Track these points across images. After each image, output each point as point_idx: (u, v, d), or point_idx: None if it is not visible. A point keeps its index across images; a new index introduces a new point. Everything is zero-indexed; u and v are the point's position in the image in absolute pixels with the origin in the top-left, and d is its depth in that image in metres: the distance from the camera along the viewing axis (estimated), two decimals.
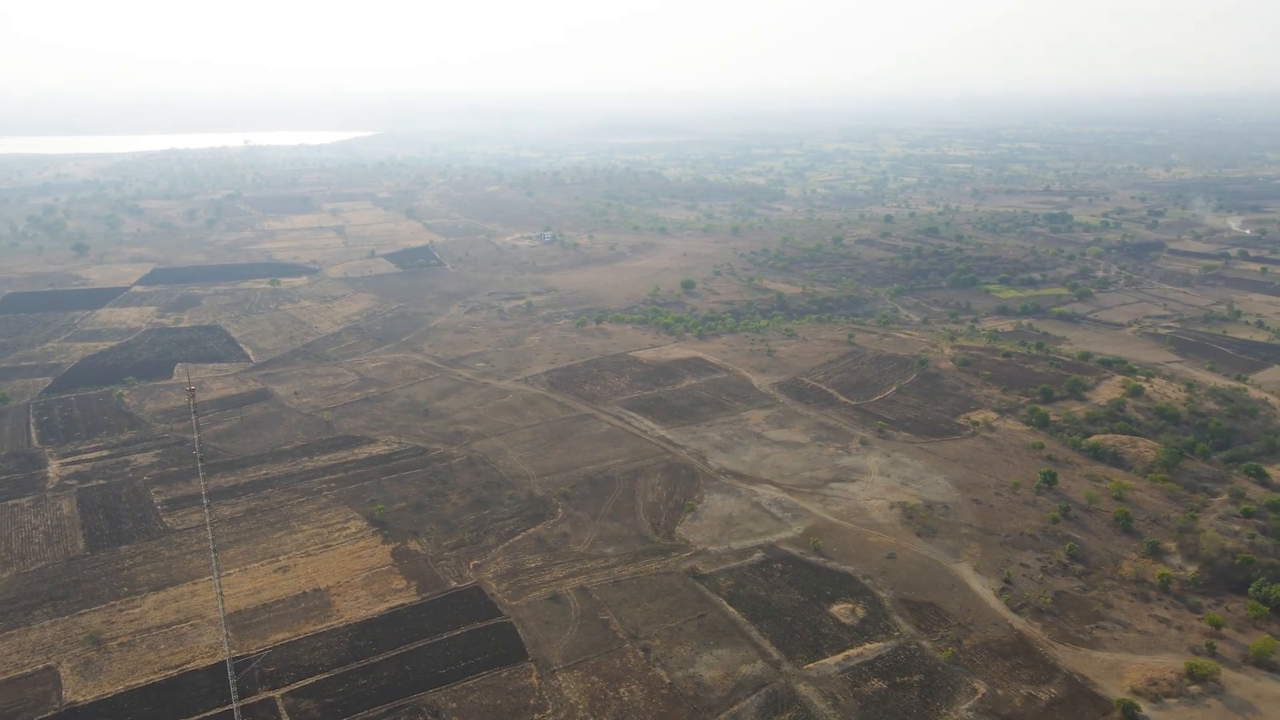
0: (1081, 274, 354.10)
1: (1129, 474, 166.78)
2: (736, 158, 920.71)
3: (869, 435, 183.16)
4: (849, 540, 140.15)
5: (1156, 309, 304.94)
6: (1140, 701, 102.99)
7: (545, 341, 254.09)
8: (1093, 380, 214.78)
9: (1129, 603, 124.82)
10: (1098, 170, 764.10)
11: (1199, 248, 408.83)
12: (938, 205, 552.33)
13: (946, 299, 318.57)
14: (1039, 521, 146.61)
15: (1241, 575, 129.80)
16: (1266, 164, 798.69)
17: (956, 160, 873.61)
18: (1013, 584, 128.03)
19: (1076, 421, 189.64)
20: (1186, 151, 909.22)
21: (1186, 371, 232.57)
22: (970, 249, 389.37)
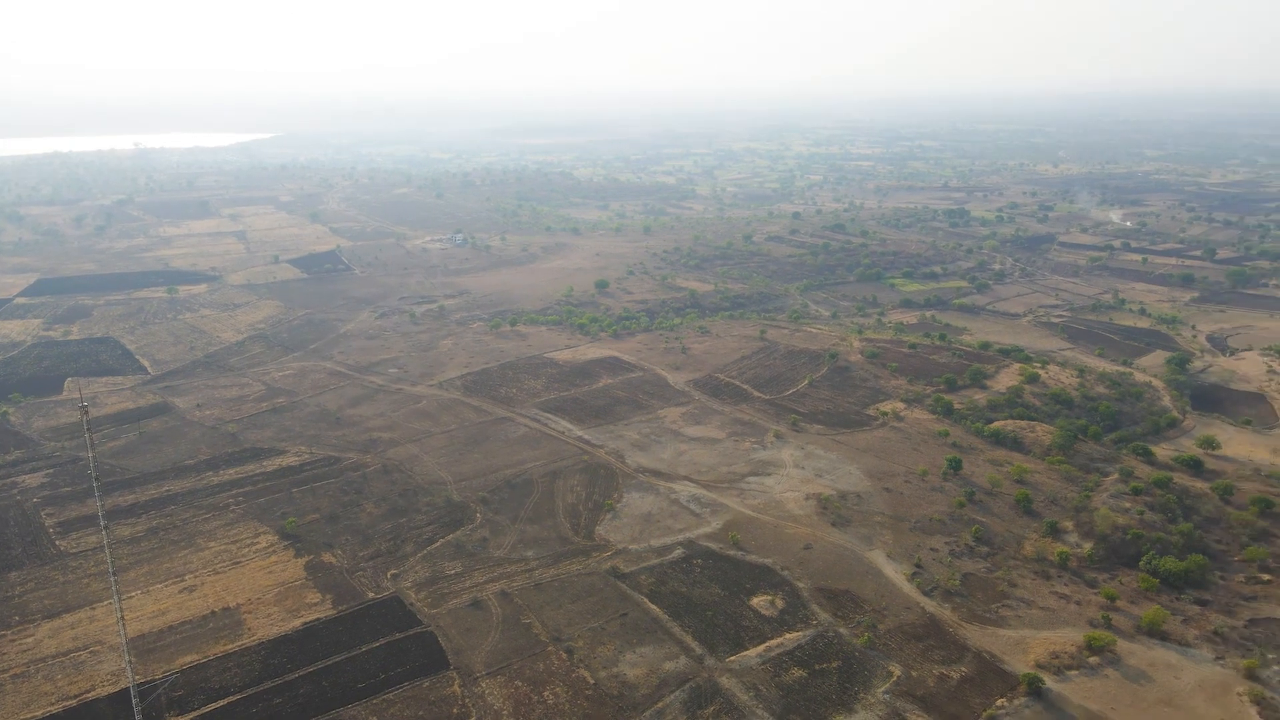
0: (979, 267, 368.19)
1: (1028, 457, 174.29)
2: (647, 157, 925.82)
3: (783, 429, 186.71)
4: (767, 533, 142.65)
5: (1049, 299, 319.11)
6: (1044, 675, 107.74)
7: (459, 345, 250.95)
8: (993, 369, 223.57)
9: (1031, 581, 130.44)
10: (992, 167, 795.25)
11: (1086, 240, 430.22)
12: (843, 202, 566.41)
13: (854, 293, 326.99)
14: (946, 507, 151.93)
15: (1133, 550, 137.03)
16: (1145, 160, 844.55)
17: (860, 158, 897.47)
18: (923, 568, 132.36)
19: (979, 409, 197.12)
20: (1072, 149, 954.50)
21: (1078, 358, 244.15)
22: (875, 244, 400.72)
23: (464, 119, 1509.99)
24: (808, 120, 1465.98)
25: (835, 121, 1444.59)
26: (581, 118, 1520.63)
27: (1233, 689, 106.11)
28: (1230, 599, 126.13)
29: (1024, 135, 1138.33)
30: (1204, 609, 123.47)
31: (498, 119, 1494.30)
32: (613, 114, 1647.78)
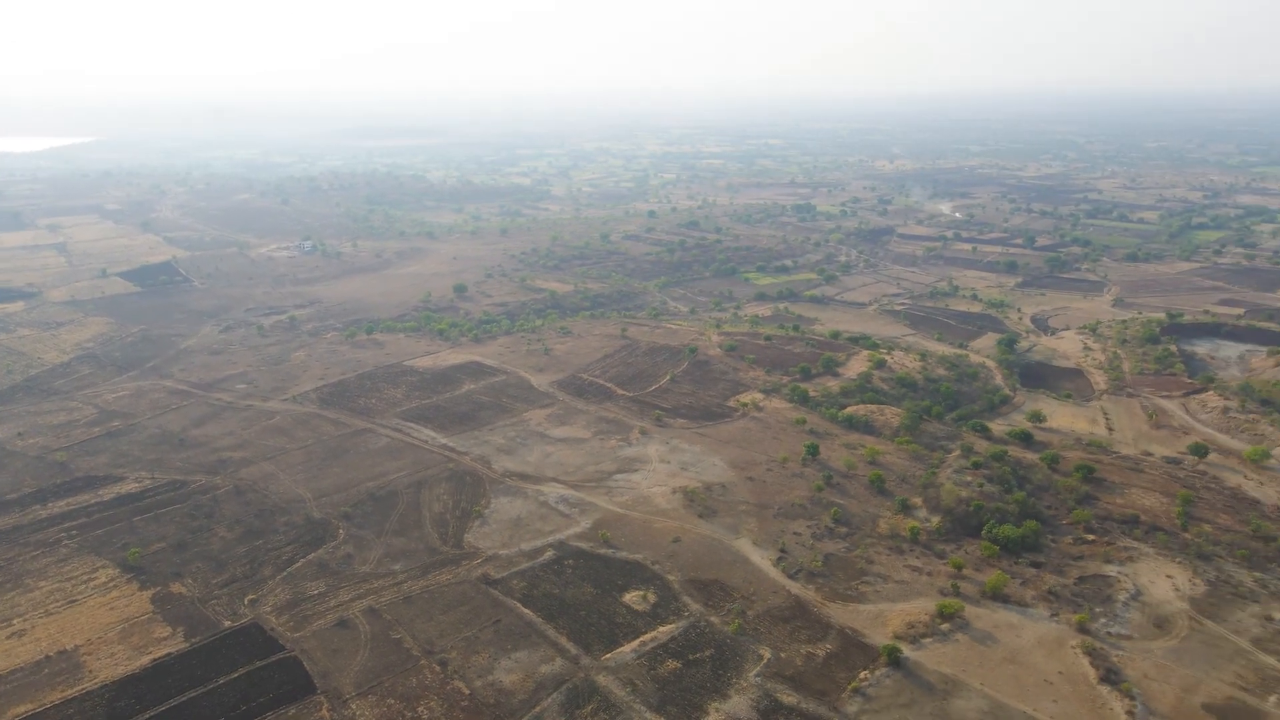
0: (827, 259, 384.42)
1: (879, 439, 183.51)
2: (500, 159, 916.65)
3: (648, 425, 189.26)
4: (636, 529, 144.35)
5: (891, 288, 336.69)
6: (902, 644, 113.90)
7: (313, 357, 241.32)
8: (844, 356, 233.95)
9: (887, 556, 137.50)
10: (834, 163, 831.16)
11: (922, 231, 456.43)
12: (697, 200, 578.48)
13: (710, 288, 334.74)
14: (807, 491, 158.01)
15: (975, 520, 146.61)
16: (970, 155, 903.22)
17: (711, 156, 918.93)
18: (788, 552, 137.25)
19: (832, 395, 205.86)
20: (906, 145, 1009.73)
21: (920, 343, 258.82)
22: (729, 240, 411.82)
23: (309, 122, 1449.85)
24: (659, 120, 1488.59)
25: (685, 120, 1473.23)
26: (433, 120, 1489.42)
27: (1067, 643, 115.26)
28: (1061, 560, 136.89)
29: (862, 134, 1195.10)
30: (1039, 571, 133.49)
31: (344, 121, 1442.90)
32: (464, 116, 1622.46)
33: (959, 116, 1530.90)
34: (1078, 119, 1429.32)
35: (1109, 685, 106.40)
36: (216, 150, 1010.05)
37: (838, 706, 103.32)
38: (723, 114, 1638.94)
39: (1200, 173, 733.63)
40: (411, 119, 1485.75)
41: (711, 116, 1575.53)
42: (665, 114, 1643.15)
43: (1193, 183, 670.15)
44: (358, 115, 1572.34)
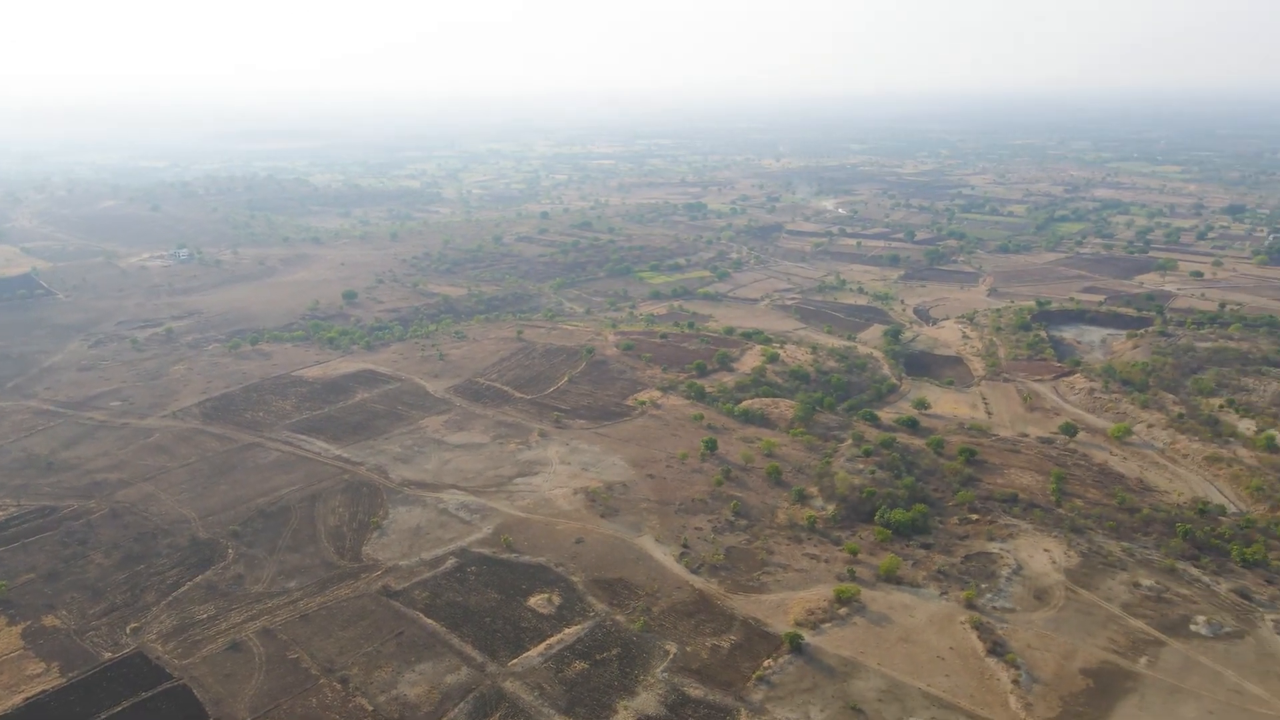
0: (719, 257, 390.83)
1: (775, 432, 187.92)
2: (388, 161, 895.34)
3: (547, 427, 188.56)
4: (539, 532, 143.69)
5: (782, 283, 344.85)
6: (803, 631, 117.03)
7: (194, 370, 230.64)
8: (738, 352, 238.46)
9: (786, 546, 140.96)
10: (723, 163, 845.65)
11: (809, 227, 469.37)
12: (589, 200, 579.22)
13: (606, 288, 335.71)
14: (706, 486, 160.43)
15: (868, 506, 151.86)
16: (852, 154, 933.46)
17: (601, 157, 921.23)
18: (690, 547, 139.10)
19: (728, 390, 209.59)
20: (791, 144, 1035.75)
21: (810, 336, 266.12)
22: (622, 240, 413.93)
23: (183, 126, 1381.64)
24: (549, 121, 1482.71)
25: (575, 121, 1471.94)
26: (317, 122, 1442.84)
27: (956, 619, 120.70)
28: (948, 540, 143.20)
29: (749, 133, 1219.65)
30: (929, 551, 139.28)
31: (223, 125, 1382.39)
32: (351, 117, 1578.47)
33: (837, 117, 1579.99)
34: (949, 118, 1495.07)
35: (995, 657, 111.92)
36: (80, 154, 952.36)
37: (743, 696, 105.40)
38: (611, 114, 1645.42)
39: (1061, 168, 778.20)
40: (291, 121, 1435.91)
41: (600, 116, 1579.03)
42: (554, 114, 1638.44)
43: (1055, 178, 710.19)
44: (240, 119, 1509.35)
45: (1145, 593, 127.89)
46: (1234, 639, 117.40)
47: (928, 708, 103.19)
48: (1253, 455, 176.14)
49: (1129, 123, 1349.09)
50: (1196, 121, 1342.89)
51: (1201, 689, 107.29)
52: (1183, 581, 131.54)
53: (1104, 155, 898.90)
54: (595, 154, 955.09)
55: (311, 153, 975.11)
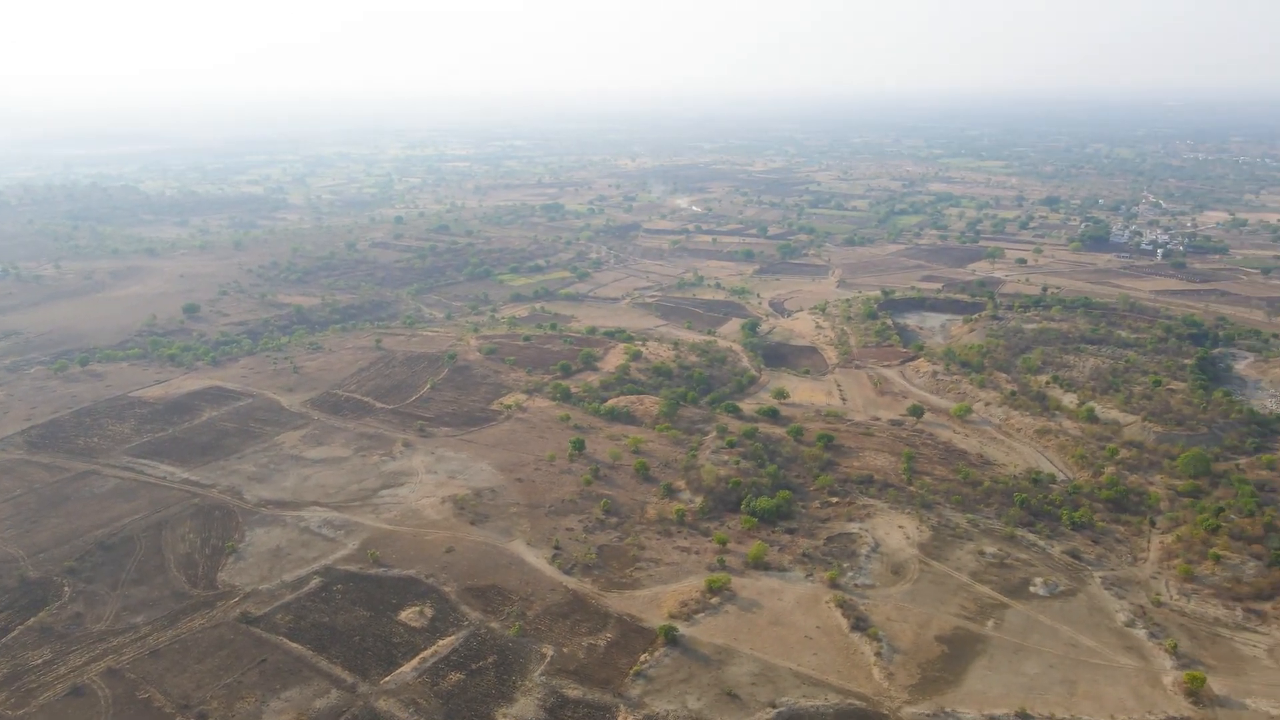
0: (579, 257, 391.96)
1: (641, 428, 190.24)
2: (227, 166, 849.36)
3: (411, 437, 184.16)
4: (407, 544, 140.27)
5: (642, 281, 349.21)
6: (677, 623, 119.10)
7: (15, 395, 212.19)
8: (601, 351, 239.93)
9: (657, 541, 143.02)
10: (579, 163, 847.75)
11: (665, 225, 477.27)
12: (444, 203, 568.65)
13: (466, 292, 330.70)
14: (576, 486, 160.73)
15: (735, 496, 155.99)
16: (704, 152, 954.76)
17: (456, 159, 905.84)
18: (562, 549, 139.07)
19: (594, 390, 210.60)
20: (645, 144, 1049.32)
21: (671, 332, 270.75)
22: (481, 243, 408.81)
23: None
24: (400, 123, 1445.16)
25: (427, 123, 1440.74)
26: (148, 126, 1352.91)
27: (821, 599, 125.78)
28: (811, 523, 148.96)
29: (602, 133, 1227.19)
30: (793, 536, 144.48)
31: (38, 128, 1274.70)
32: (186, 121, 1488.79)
33: (688, 116, 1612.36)
34: (794, 119, 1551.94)
35: (859, 632, 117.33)
36: None
37: (621, 692, 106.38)
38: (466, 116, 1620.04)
39: (898, 165, 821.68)
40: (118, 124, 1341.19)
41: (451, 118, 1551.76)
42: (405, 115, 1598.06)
43: (893, 173, 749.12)
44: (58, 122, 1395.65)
45: (990, 560, 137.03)
46: (1068, 597, 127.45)
47: (798, 686, 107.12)
48: (1076, 426, 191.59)
49: (955, 121, 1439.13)
50: (1014, 121, 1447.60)
51: (1042, 645, 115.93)
52: (1021, 547, 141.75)
53: (935, 152, 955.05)
54: (449, 156, 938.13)
55: (143, 158, 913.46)
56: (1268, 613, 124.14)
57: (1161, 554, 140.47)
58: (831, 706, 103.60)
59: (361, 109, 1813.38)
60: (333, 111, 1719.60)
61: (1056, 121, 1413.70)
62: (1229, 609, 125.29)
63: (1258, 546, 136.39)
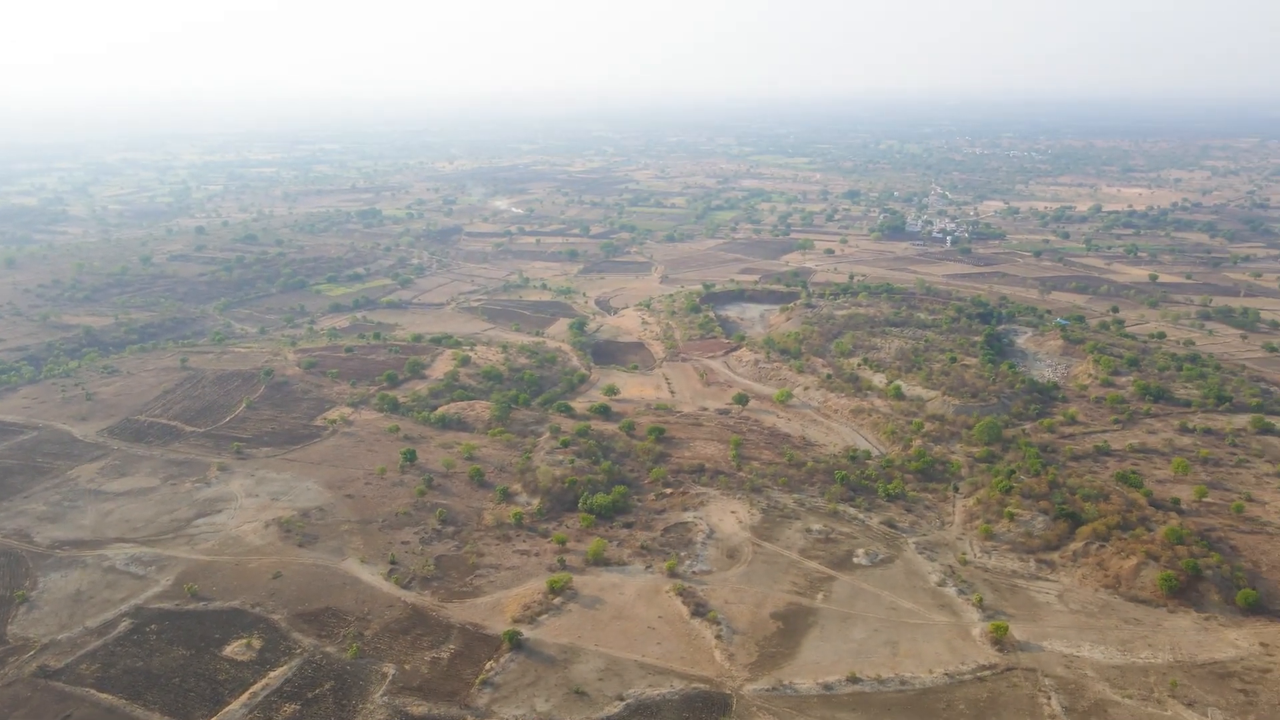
0: (400, 263, 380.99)
1: (474, 434, 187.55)
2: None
3: (227, 460, 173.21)
4: (229, 574, 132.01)
5: (467, 285, 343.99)
6: (521, 627, 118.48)
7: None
8: (429, 358, 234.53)
9: (496, 546, 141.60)
10: (395, 166, 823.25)
11: (488, 228, 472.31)
12: (250, 212, 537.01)
13: (280, 305, 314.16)
14: (410, 498, 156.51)
15: (572, 495, 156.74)
16: (523, 154, 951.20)
17: (260, 164, 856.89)
18: (398, 563, 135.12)
19: (422, 398, 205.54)
20: (463, 146, 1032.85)
21: (500, 335, 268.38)
22: (294, 252, 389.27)
23: None
24: (197, 127, 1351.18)
25: (227, 126, 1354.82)
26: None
27: (662, 589, 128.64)
28: (648, 516, 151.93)
29: (418, 135, 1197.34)
30: (631, 530, 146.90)
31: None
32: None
33: (505, 117, 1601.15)
34: (610, 118, 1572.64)
35: (699, 617, 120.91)
36: None
37: (468, 703, 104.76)
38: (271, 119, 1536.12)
39: (713, 162, 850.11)
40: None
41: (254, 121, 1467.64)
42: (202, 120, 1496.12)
43: (708, 171, 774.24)
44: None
45: (816, 536, 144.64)
46: (887, 564, 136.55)
47: (645, 677, 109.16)
48: (885, 404, 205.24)
49: (763, 121, 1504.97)
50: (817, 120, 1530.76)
51: (867, 612, 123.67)
52: (844, 521, 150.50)
53: (746, 150, 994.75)
54: (253, 161, 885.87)
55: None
56: (1056, 562, 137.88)
57: (965, 516, 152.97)
58: (677, 692, 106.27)
59: (157, 113, 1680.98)
60: (126, 116, 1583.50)
61: (853, 121, 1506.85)
62: (1024, 561, 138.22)
63: (1045, 503, 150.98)
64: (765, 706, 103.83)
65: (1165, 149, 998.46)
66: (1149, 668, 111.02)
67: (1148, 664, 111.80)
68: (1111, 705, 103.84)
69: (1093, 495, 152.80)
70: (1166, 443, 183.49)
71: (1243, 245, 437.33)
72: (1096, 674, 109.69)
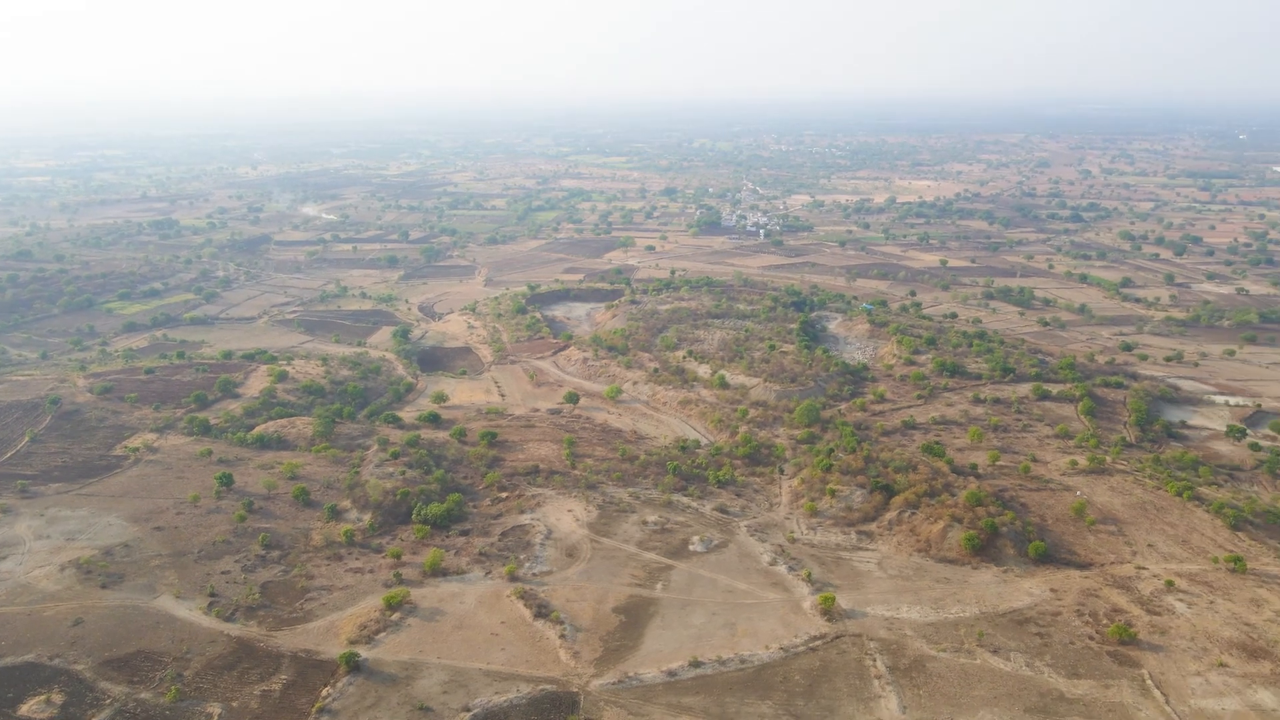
0: (203, 276, 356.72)
1: (297, 453, 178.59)
2: None
3: (10, 500, 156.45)
4: (20, 626, 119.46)
5: (280, 297, 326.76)
6: (358, 648, 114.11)
7: None
8: (242, 376, 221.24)
9: (327, 567, 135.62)
10: (191, 173, 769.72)
11: (300, 236, 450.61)
12: (23, 225, 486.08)
13: (64, 326, 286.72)
14: (228, 525, 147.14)
15: (405, 507, 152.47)
16: (334, 158, 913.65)
17: (31, 173, 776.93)
18: (219, 595, 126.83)
19: (237, 418, 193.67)
20: (267, 150, 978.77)
21: (319, 348, 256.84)
22: (78, 269, 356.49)
23: None
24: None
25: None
26: None
27: (503, 594, 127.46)
28: (485, 521, 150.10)
29: (216, 140, 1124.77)
30: (468, 537, 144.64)
31: None
32: None
33: (313, 120, 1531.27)
34: (425, 119, 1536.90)
35: (543, 619, 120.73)
36: None
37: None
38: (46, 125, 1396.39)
39: (531, 163, 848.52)
40: None
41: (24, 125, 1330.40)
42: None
43: (527, 172, 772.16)
44: None
45: (652, 528, 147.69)
46: (721, 549, 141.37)
47: (491, 684, 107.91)
48: (712, 394, 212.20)
49: (579, 121, 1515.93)
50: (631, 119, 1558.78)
51: (705, 597, 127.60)
52: (678, 510, 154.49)
53: (564, 150, 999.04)
54: (21, 170, 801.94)
55: None
56: (874, 531, 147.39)
57: (791, 496, 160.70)
58: (525, 697, 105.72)
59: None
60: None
61: (667, 120, 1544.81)
62: (846, 534, 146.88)
63: (861, 477, 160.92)
64: (612, 700, 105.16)
65: (947, 144, 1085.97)
66: (959, 621, 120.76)
67: (958, 618, 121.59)
68: (929, 660, 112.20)
69: (903, 467, 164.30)
70: (963, 413, 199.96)
71: (1016, 231, 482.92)
72: (915, 632, 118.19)
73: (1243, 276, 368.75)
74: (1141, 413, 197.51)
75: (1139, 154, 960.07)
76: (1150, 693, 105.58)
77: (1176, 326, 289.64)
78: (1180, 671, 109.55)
